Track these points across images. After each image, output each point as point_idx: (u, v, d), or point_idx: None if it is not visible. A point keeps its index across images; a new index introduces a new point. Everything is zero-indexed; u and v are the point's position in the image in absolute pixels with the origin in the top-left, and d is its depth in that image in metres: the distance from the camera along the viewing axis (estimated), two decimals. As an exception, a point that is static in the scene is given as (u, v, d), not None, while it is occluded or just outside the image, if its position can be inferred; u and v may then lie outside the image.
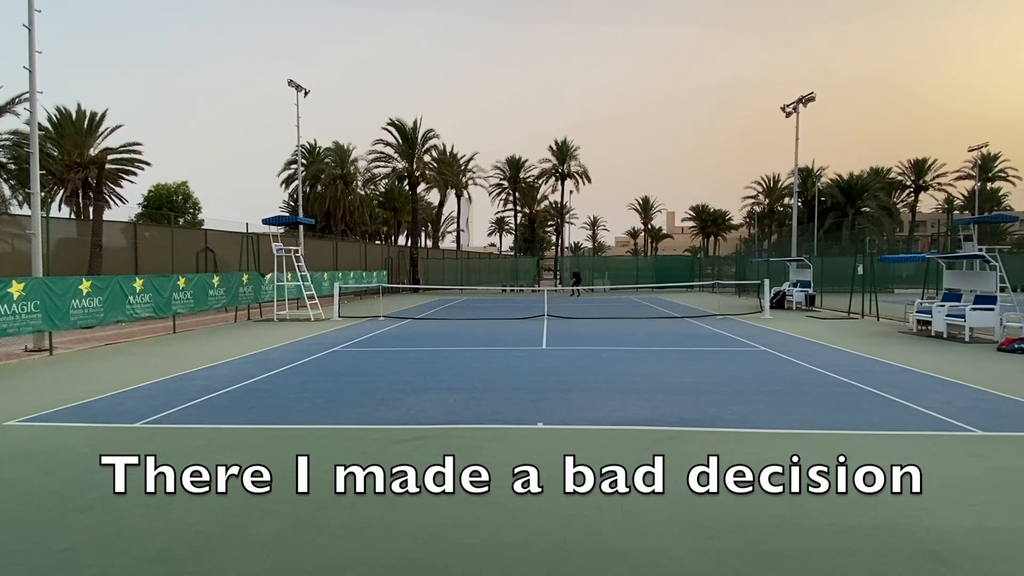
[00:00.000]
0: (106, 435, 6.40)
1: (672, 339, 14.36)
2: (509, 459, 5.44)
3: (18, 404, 7.81)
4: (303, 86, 24.25)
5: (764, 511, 4.27)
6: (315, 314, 19.90)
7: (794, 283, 24.49)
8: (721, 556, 3.63)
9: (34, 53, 12.67)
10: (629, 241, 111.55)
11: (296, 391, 8.57)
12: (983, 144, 34.13)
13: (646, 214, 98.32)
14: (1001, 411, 7.22)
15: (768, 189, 62.44)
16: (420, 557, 3.65)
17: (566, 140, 58.61)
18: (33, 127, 13.26)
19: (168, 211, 32.46)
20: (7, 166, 28.89)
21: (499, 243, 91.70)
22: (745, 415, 7.02)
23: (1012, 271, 17.47)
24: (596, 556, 3.64)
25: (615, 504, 4.43)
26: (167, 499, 4.57)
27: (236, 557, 3.65)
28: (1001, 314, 13.46)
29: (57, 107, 32.04)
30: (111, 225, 21.45)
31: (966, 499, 4.50)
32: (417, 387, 8.70)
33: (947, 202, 61.14)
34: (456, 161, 54.44)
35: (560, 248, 67.72)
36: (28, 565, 3.59)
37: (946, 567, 3.49)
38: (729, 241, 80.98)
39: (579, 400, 7.81)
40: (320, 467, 5.30)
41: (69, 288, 12.67)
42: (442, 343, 13.72)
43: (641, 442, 5.96)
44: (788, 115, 28.10)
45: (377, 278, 32.20)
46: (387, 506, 4.43)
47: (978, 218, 22.92)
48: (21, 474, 5.22)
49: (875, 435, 6.22)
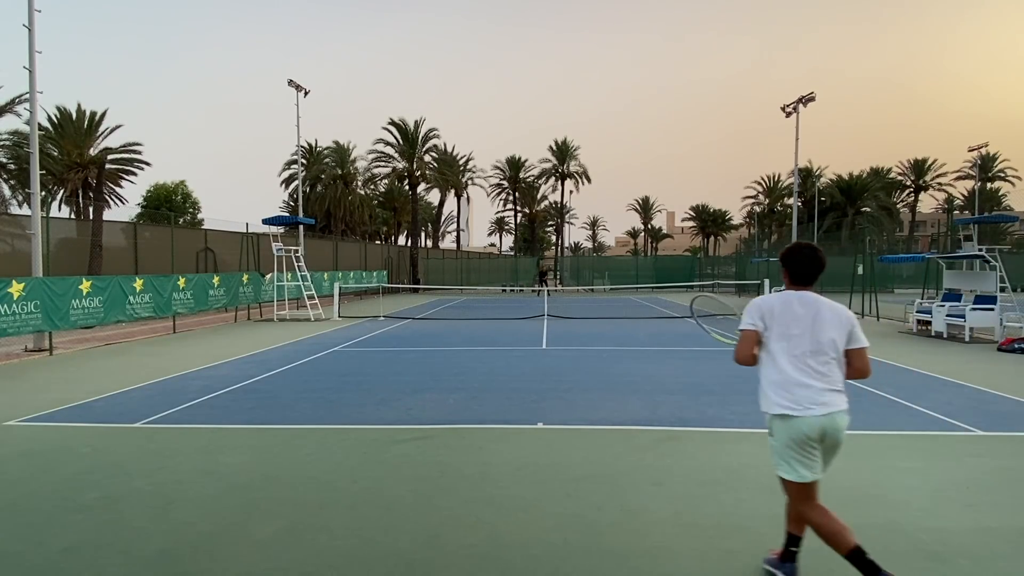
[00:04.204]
0: (106, 435, 6.40)
1: (672, 339, 14.36)
2: (509, 459, 5.45)
3: (18, 404, 7.81)
4: (303, 86, 24.23)
5: (764, 511, 4.27)
6: (315, 314, 19.89)
7: (794, 283, 24.44)
8: (721, 556, 3.63)
9: (34, 53, 12.67)
10: (629, 241, 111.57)
11: (296, 391, 8.56)
12: (983, 144, 34.11)
13: (646, 214, 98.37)
14: (1001, 411, 7.22)
15: (768, 189, 62.46)
16: (420, 557, 3.65)
17: (566, 140, 58.65)
18: (33, 127, 13.26)
19: (168, 211, 32.46)
20: (7, 166, 28.89)
21: (499, 243, 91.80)
22: (745, 415, 7.02)
23: (1012, 271, 17.49)
24: (596, 556, 3.64)
25: (615, 504, 4.43)
26: (167, 499, 4.57)
27: (236, 557, 3.65)
28: (1001, 314, 13.46)
29: (57, 107, 32.14)
30: (111, 225, 21.46)
31: (966, 499, 4.50)
32: (417, 387, 8.70)
33: (947, 202, 61.16)
34: (456, 161, 54.45)
35: (560, 248, 67.71)
36: (28, 565, 3.59)
37: (946, 567, 3.49)
38: (729, 241, 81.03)
39: (579, 400, 7.81)
40: (320, 467, 5.30)
41: (69, 288, 12.67)
42: (442, 343, 13.72)
43: (641, 442, 5.96)
44: (788, 115, 28.09)
45: (377, 278, 32.20)
46: (387, 506, 4.43)
47: (978, 218, 22.89)
48: (21, 474, 5.22)
49: (875, 435, 6.21)
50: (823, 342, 3.17)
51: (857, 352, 3.22)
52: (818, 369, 3.17)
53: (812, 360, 3.17)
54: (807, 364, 3.17)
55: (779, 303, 3.30)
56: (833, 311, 3.23)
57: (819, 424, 3.11)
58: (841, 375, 3.22)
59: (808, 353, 3.18)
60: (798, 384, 3.15)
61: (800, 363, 3.18)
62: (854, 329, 3.21)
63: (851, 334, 3.21)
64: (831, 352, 3.18)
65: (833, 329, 3.19)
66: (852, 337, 3.21)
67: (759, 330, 3.27)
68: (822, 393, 3.14)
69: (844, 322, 3.21)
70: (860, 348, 3.21)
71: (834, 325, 3.20)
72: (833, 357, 3.19)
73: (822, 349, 3.17)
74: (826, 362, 3.18)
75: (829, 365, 3.18)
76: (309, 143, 49.26)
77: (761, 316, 3.29)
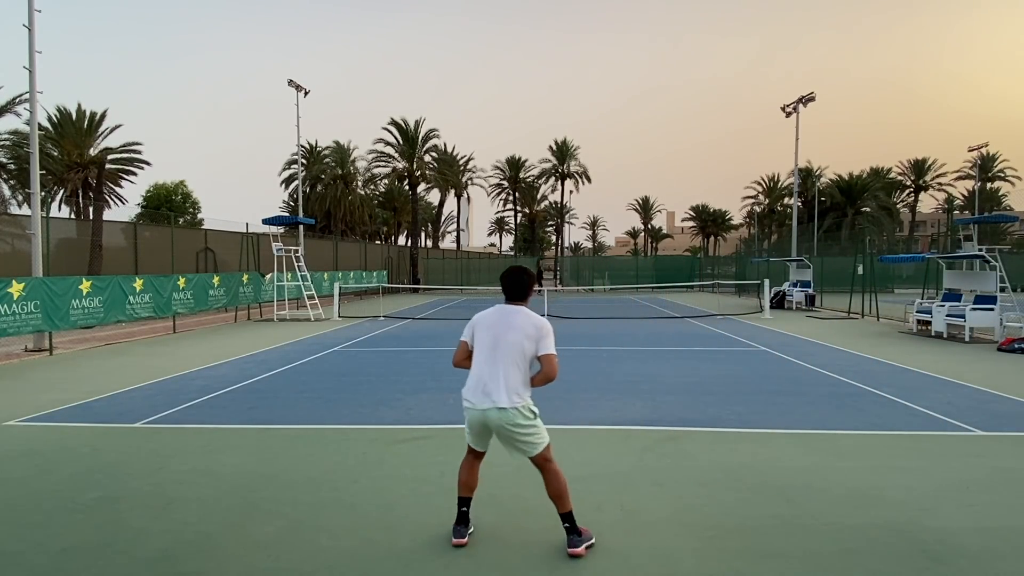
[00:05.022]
0: (106, 435, 6.40)
1: (672, 339, 14.36)
2: (509, 459, 5.43)
3: (18, 404, 7.81)
4: (303, 86, 24.25)
5: (764, 511, 4.27)
6: (315, 314, 19.89)
7: (794, 283, 24.48)
8: (721, 556, 3.63)
9: (34, 53, 12.67)
10: (629, 241, 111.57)
11: (296, 391, 8.56)
12: (983, 144, 34.18)
13: (646, 214, 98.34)
14: (1001, 411, 7.22)
15: (768, 189, 62.41)
16: (420, 557, 3.65)
17: (566, 140, 58.63)
18: (33, 127, 13.26)
19: (168, 211, 32.46)
20: (7, 166, 28.87)
21: (499, 243, 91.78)
22: (745, 415, 7.02)
23: (1012, 271, 17.49)
24: (596, 556, 3.64)
25: (615, 504, 4.43)
26: (167, 499, 4.57)
27: (236, 557, 3.65)
28: (1001, 314, 13.46)
29: (57, 107, 32.13)
30: (111, 225, 21.47)
31: (966, 499, 4.50)
32: (417, 387, 8.70)
33: (947, 202, 61.15)
34: (456, 161, 54.44)
35: (560, 248, 67.71)
36: (28, 565, 3.59)
37: (946, 567, 3.49)
38: (729, 241, 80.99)
39: (579, 400, 7.81)
40: (320, 467, 5.30)
41: (69, 288, 12.67)
42: (442, 343, 13.71)
43: (641, 442, 5.95)
44: (788, 115, 28.11)
45: (377, 278, 32.19)
46: (387, 506, 4.43)
47: (978, 218, 22.90)
48: (21, 474, 5.22)
49: (875, 435, 6.21)
50: (513, 346, 3.65)
51: (544, 357, 3.67)
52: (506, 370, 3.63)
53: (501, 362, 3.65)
54: (495, 364, 3.65)
55: (487, 315, 3.84)
56: (527, 320, 3.71)
57: (490, 416, 3.62)
58: (522, 376, 3.66)
59: (499, 356, 3.66)
60: (480, 381, 3.67)
61: (494, 364, 3.66)
62: (544, 337, 3.67)
63: (539, 341, 3.67)
64: (521, 355, 3.65)
65: (521, 335, 3.66)
66: (540, 344, 3.67)
67: (468, 340, 3.86)
68: (505, 390, 3.60)
69: (534, 330, 3.68)
70: (546, 354, 3.67)
71: (523, 332, 3.67)
72: (519, 360, 3.65)
73: (514, 352, 3.64)
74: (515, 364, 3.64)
75: (515, 367, 3.64)
76: (309, 143, 49.29)
77: (472, 328, 3.86)
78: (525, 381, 3.67)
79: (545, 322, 3.74)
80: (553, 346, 3.70)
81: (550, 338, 3.69)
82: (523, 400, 3.64)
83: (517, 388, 3.62)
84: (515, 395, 3.61)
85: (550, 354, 3.67)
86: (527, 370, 3.69)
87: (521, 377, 3.65)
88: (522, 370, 3.66)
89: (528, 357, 3.68)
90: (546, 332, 3.69)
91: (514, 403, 3.60)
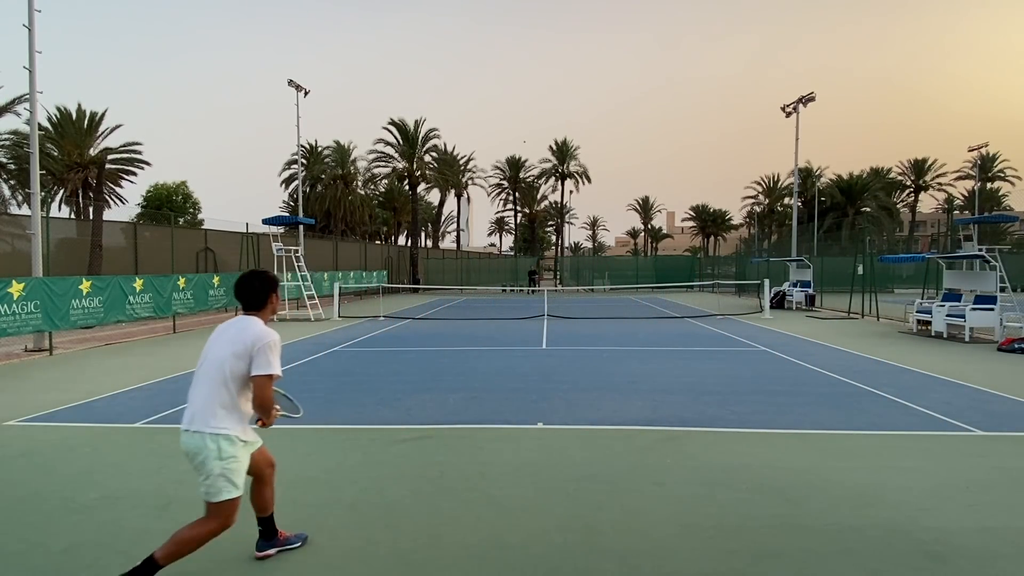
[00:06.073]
0: (106, 435, 6.40)
1: (672, 339, 14.36)
2: (509, 459, 5.44)
3: (18, 404, 7.81)
4: (303, 86, 24.25)
5: (764, 511, 4.27)
6: (315, 314, 19.90)
7: (794, 283, 24.49)
8: (721, 556, 3.63)
9: (34, 53, 12.67)
10: (629, 241, 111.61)
11: (296, 391, 8.48)
12: (983, 144, 34.11)
13: (646, 214, 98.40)
14: (1001, 411, 7.22)
15: (768, 189, 62.43)
16: (420, 557, 3.65)
17: (566, 140, 58.56)
18: (33, 127, 13.26)
19: (168, 211, 32.47)
20: (7, 166, 28.87)
21: (499, 243, 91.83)
22: (745, 415, 7.02)
23: (1012, 271, 17.48)
24: (596, 556, 3.64)
25: (615, 504, 4.43)
26: (167, 499, 4.57)
27: (236, 557, 3.65)
28: (1001, 314, 13.46)
29: (57, 107, 32.14)
30: (111, 225, 21.45)
31: (966, 499, 4.50)
32: (417, 387, 8.70)
33: (947, 202, 61.15)
34: (456, 161, 54.45)
35: (560, 248, 67.71)
36: (28, 565, 3.59)
37: (946, 567, 3.49)
38: (729, 241, 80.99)
39: (579, 400, 7.81)
40: (320, 467, 5.30)
41: (69, 288, 12.66)
42: (442, 343, 13.71)
43: (641, 442, 5.96)
44: (788, 115, 28.09)
45: (377, 278, 32.18)
46: (387, 506, 4.43)
47: (978, 218, 22.90)
48: (21, 474, 5.22)
49: (875, 435, 6.21)
50: (214, 361, 3.15)
51: (255, 379, 3.11)
52: (203, 388, 3.15)
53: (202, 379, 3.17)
54: (198, 382, 3.19)
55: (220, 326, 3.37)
56: (243, 333, 3.16)
57: (183, 440, 3.15)
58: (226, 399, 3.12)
59: (202, 372, 3.19)
60: (190, 401, 3.19)
61: (197, 382, 3.21)
62: (257, 355, 3.10)
63: (252, 358, 3.11)
64: (222, 372, 3.12)
65: (228, 350, 3.13)
66: (254, 362, 3.11)
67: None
68: (198, 412, 3.12)
69: (244, 346, 3.11)
70: (257, 375, 3.10)
71: (231, 347, 3.13)
72: (220, 377, 3.12)
73: (214, 368, 3.14)
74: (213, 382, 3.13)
75: (215, 385, 3.12)
76: (309, 143, 49.28)
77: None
78: (229, 405, 3.11)
79: (266, 336, 3.16)
80: (271, 366, 3.11)
81: (268, 355, 3.10)
82: (220, 427, 3.08)
83: (214, 411, 3.09)
84: (211, 417, 3.09)
85: (261, 375, 3.09)
86: (236, 392, 3.13)
87: (222, 400, 3.10)
88: (228, 391, 3.11)
89: (237, 376, 3.11)
90: (262, 348, 3.10)
91: (203, 428, 3.08)
